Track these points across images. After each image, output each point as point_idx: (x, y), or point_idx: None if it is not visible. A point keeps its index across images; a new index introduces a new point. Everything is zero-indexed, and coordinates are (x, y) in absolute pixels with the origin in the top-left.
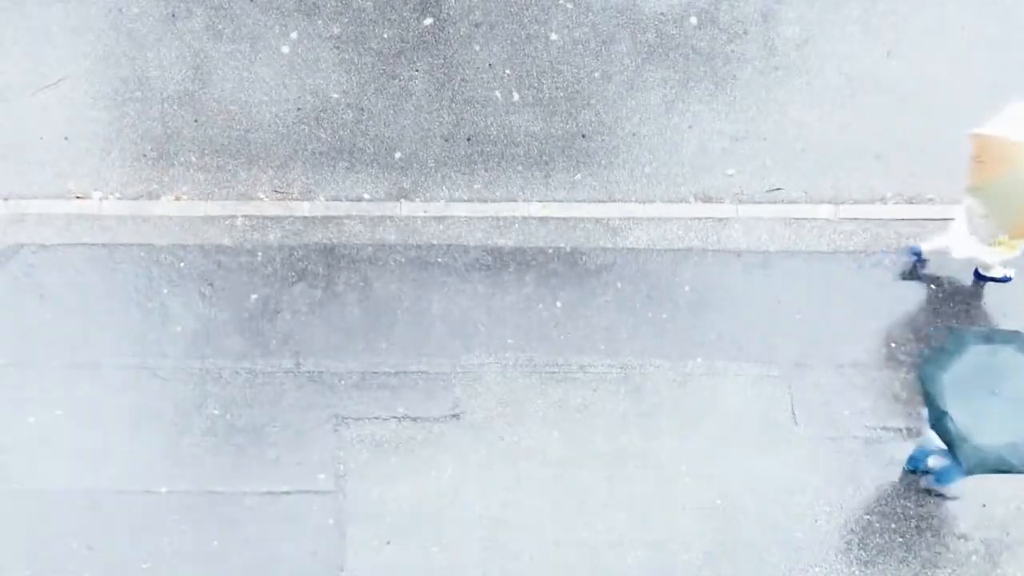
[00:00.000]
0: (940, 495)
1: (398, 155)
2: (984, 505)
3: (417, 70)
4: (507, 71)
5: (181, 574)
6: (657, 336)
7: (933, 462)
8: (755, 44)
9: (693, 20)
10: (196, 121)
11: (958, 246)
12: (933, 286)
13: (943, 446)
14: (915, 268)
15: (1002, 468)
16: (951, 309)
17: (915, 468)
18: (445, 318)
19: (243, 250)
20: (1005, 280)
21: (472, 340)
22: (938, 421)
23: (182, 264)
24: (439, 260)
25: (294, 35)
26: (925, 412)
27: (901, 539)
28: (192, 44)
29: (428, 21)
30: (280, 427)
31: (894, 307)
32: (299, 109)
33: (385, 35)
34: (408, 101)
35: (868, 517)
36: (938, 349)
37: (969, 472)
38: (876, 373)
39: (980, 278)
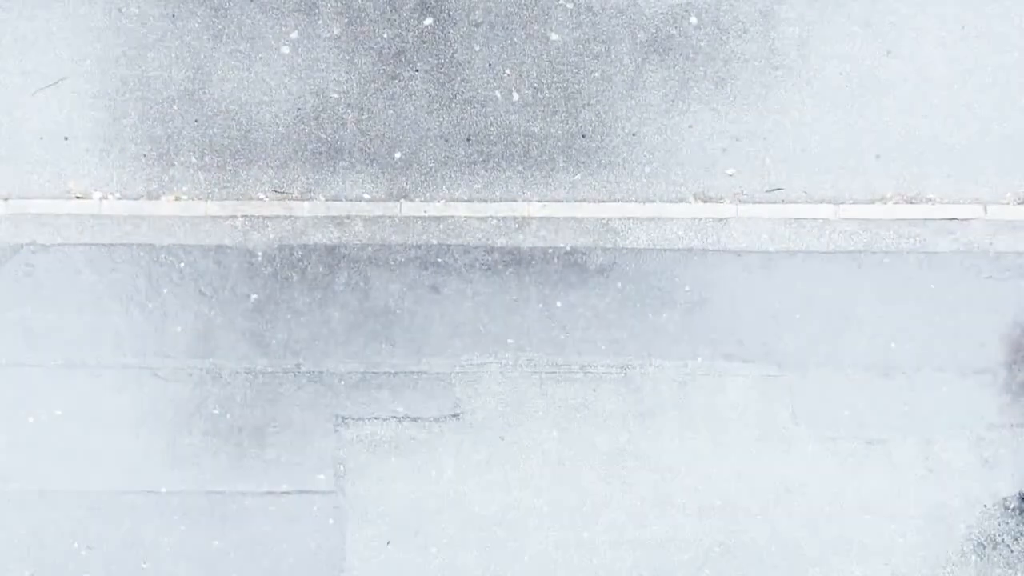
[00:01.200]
0: None
1: (398, 155)
2: (984, 505)
3: (417, 70)
4: (507, 71)
5: (181, 574)
6: (657, 336)
7: None
8: (755, 44)
9: (693, 20)
10: (196, 121)
11: None
12: (933, 285)
13: None
14: None
15: None
16: (951, 309)
17: None
18: (445, 318)
19: (243, 250)
20: None
21: (472, 340)
22: None
23: (182, 264)
24: (439, 260)
25: (294, 35)
26: None
27: (901, 539)
28: (192, 44)
29: (428, 21)
30: (280, 427)
31: (893, 307)
32: (299, 109)
33: (385, 35)
34: (408, 101)
35: (868, 517)
36: None
37: None
38: (876, 373)
39: None
